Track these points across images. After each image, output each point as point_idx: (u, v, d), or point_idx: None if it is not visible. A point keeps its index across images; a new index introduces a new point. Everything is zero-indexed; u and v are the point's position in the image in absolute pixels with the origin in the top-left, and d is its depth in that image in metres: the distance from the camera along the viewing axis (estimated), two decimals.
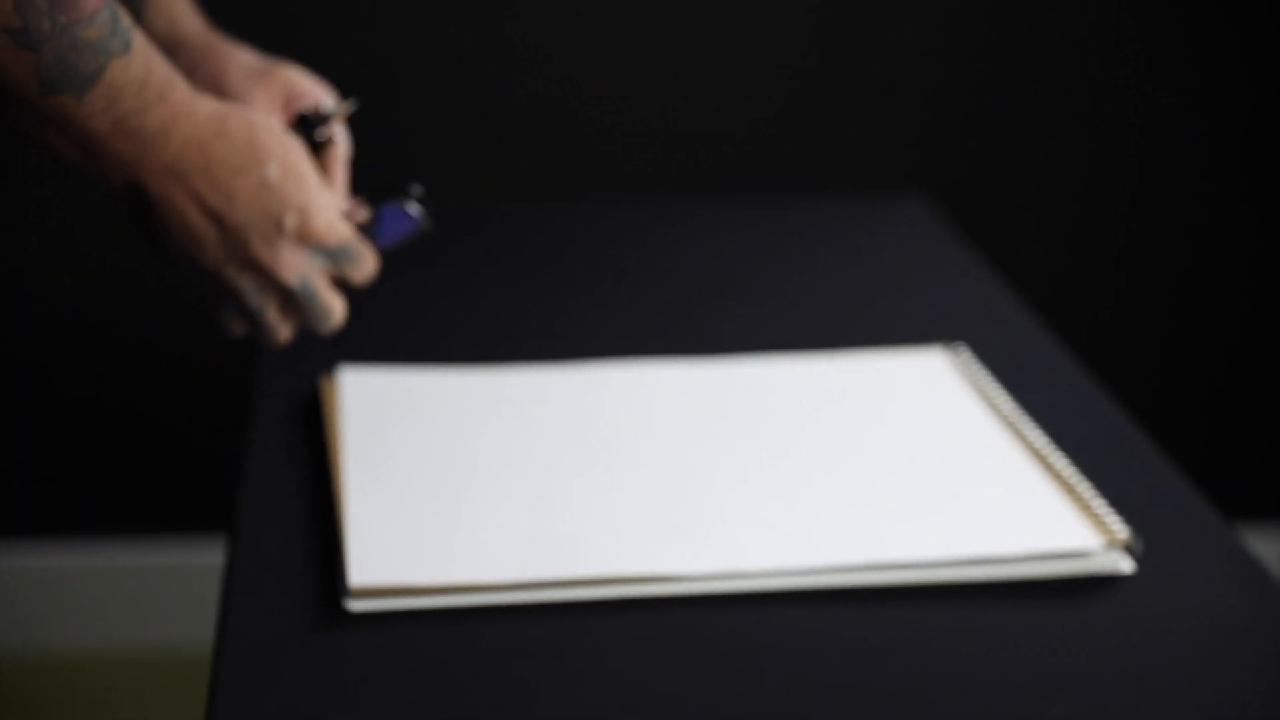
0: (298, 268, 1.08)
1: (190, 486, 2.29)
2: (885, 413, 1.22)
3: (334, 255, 1.10)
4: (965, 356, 1.29)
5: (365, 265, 1.13)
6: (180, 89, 1.04)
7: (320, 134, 1.18)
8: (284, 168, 1.06)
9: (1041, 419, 1.20)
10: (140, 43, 1.00)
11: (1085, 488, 1.10)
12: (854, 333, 1.37)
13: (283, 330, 1.13)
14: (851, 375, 1.27)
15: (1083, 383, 1.30)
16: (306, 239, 1.08)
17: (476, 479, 1.10)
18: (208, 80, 1.19)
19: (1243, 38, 2.19)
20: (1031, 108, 2.21)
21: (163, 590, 2.30)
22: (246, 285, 1.08)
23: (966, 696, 0.92)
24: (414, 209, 1.16)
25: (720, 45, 2.15)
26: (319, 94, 1.21)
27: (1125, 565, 1.03)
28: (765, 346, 1.33)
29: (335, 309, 1.13)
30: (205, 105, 1.06)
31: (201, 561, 2.25)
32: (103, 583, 2.30)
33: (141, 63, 1.00)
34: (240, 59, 1.22)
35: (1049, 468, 1.13)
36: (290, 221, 1.06)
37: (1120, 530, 1.05)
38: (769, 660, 0.94)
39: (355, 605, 0.97)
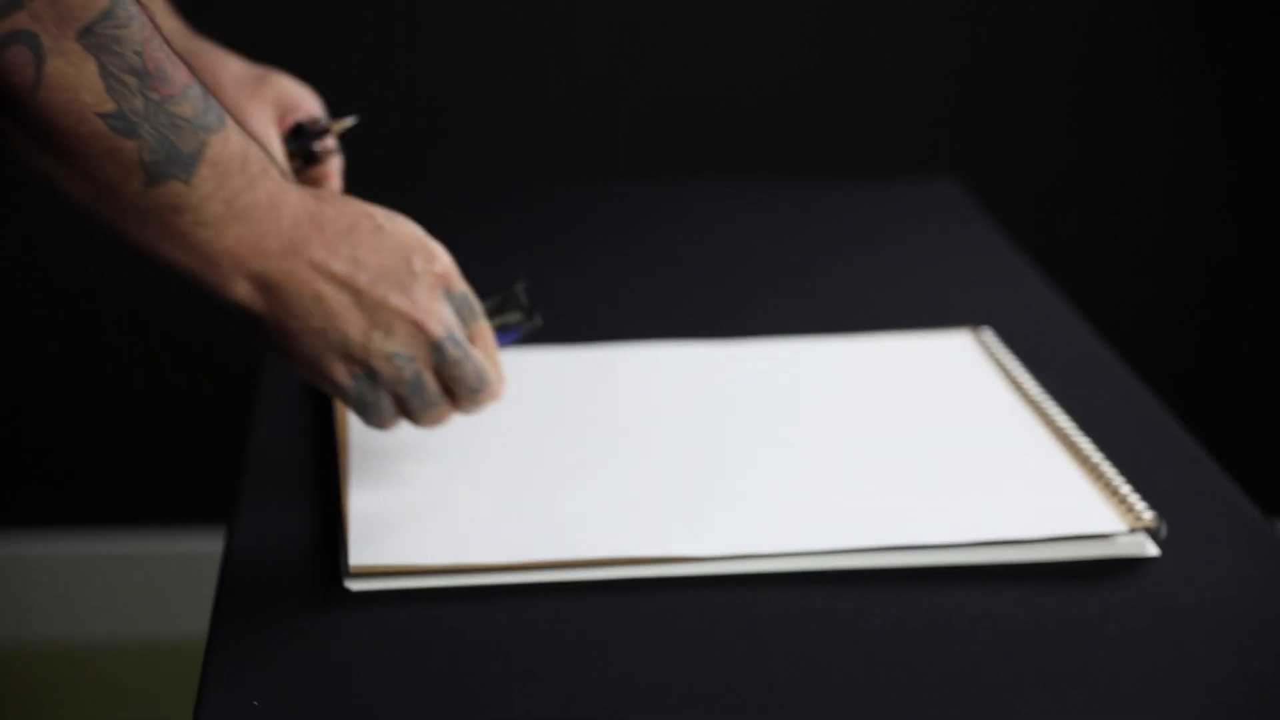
0: (441, 316, 0.97)
1: (194, 477, 2.27)
2: (908, 394, 1.19)
3: (461, 307, 1.00)
4: (991, 339, 1.26)
5: (485, 331, 1.02)
6: (274, 164, 0.96)
7: (318, 145, 1.15)
8: (389, 214, 0.99)
9: (1070, 401, 1.16)
10: (230, 118, 0.93)
11: (1111, 470, 1.06)
12: (880, 314, 1.34)
13: (443, 406, 1.00)
14: (874, 357, 1.25)
15: (1113, 365, 1.27)
16: (439, 279, 0.98)
17: (484, 459, 1.08)
18: None
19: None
20: (1067, 93, 2.18)
21: (166, 581, 2.29)
22: (396, 348, 0.96)
23: (983, 681, 0.89)
24: (518, 321, 1.09)
25: (754, 28, 2.13)
26: (311, 104, 1.17)
27: (1150, 548, 1.00)
28: (789, 328, 1.30)
29: (489, 372, 1.01)
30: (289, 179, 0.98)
31: (206, 551, 2.23)
32: (104, 573, 2.29)
33: (239, 137, 0.92)
34: (231, 66, 1.17)
35: (1074, 450, 1.09)
36: (419, 262, 0.97)
37: (1145, 513, 1.01)
38: (780, 644, 0.91)
39: (355, 585, 0.95)
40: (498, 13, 2.10)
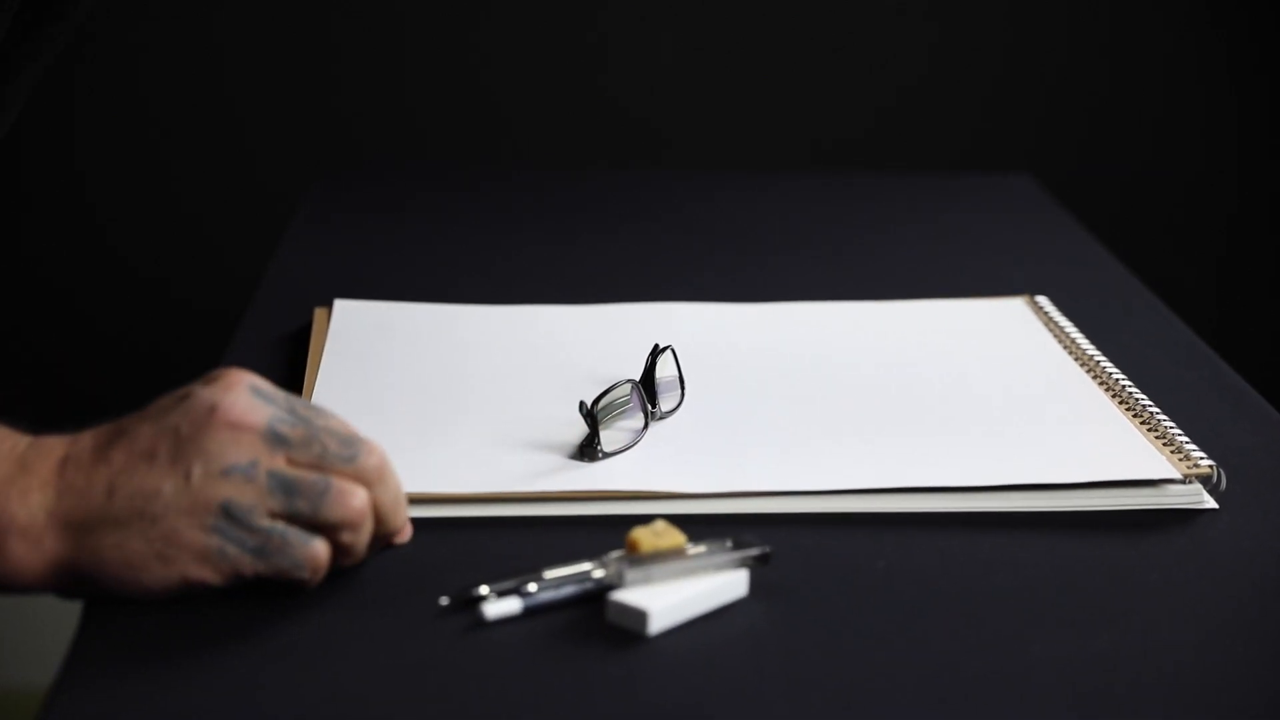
0: (254, 404, 0.76)
1: None
2: (959, 351, 1.09)
3: (290, 404, 0.77)
4: (1046, 304, 1.15)
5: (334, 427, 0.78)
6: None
7: None
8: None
9: (1131, 364, 1.04)
10: None
11: (1166, 421, 0.94)
12: (942, 288, 1.23)
13: (339, 494, 0.76)
14: (927, 318, 1.15)
15: (1182, 333, 1.15)
16: (229, 383, 0.77)
17: (446, 403, 0.98)
18: None
19: None
20: (1152, 100, 2.08)
21: None
22: (227, 462, 0.75)
23: (992, 621, 0.77)
24: None
25: (864, 34, 2.06)
26: None
27: (1207, 500, 0.88)
28: (847, 298, 1.20)
29: (352, 430, 0.78)
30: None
31: None
32: None
33: None
34: None
35: (1128, 404, 0.98)
36: (197, 386, 0.77)
37: (1201, 461, 0.89)
38: (770, 583, 0.79)
39: None
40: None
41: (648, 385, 0.95)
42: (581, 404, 0.90)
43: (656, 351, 0.97)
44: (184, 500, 0.74)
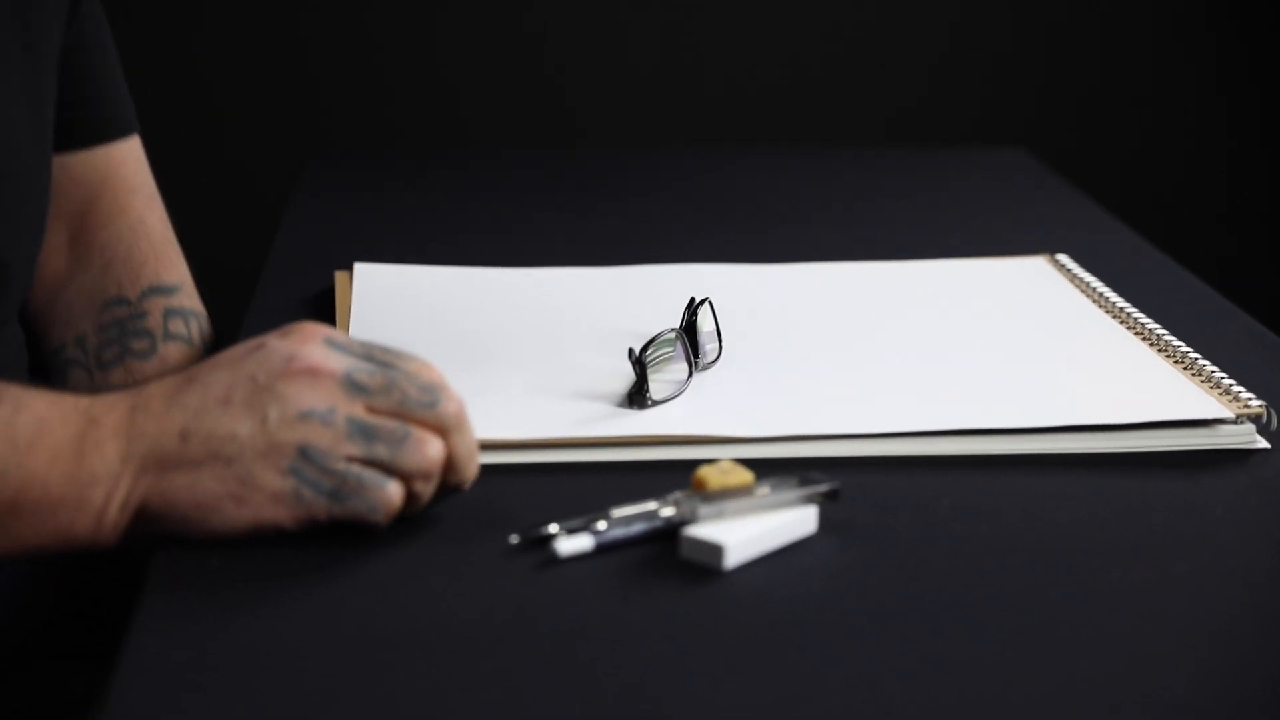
0: (329, 354, 0.76)
1: None
2: (994, 305, 1.09)
3: (368, 352, 0.77)
4: (1068, 262, 1.15)
5: (418, 372, 0.77)
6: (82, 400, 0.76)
7: None
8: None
9: (1160, 316, 1.04)
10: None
11: (1211, 366, 0.94)
12: (962, 253, 1.22)
13: (417, 442, 0.75)
14: (955, 275, 1.15)
15: (1201, 288, 1.15)
16: (306, 335, 0.76)
17: (484, 357, 0.97)
18: None
19: None
20: (1144, 80, 2.10)
21: None
22: (305, 406, 0.74)
23: (1070, 552, 0.77)
24: None
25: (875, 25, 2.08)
26: None
27: (1260, 439, 0.88)
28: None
29: (434, 376, 0.77)
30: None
31: None
32: None
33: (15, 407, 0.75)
34: None
35: (1169, 351, 0.97)
36: (271, 338, 0.76)
37: (1252, 401, 0.89)
38: (840, 521, 0.79)
39: None
40: None
41: (690, 336, 0.94)
42: (630, 351, 0.89)
43: (695, 304, 0.96)
44: (260, 442, 0.73)
